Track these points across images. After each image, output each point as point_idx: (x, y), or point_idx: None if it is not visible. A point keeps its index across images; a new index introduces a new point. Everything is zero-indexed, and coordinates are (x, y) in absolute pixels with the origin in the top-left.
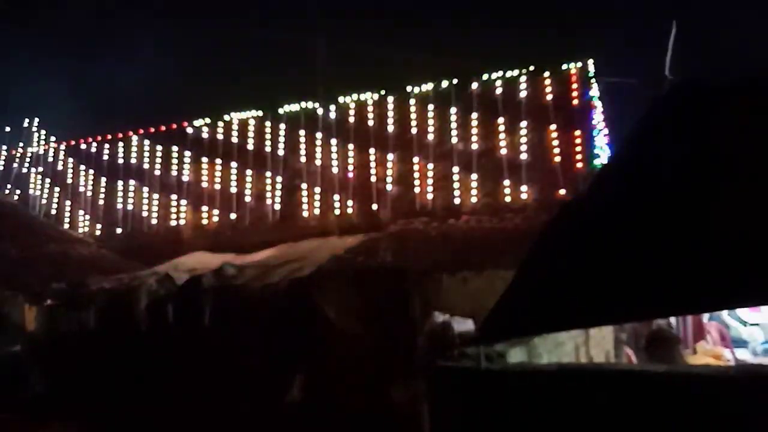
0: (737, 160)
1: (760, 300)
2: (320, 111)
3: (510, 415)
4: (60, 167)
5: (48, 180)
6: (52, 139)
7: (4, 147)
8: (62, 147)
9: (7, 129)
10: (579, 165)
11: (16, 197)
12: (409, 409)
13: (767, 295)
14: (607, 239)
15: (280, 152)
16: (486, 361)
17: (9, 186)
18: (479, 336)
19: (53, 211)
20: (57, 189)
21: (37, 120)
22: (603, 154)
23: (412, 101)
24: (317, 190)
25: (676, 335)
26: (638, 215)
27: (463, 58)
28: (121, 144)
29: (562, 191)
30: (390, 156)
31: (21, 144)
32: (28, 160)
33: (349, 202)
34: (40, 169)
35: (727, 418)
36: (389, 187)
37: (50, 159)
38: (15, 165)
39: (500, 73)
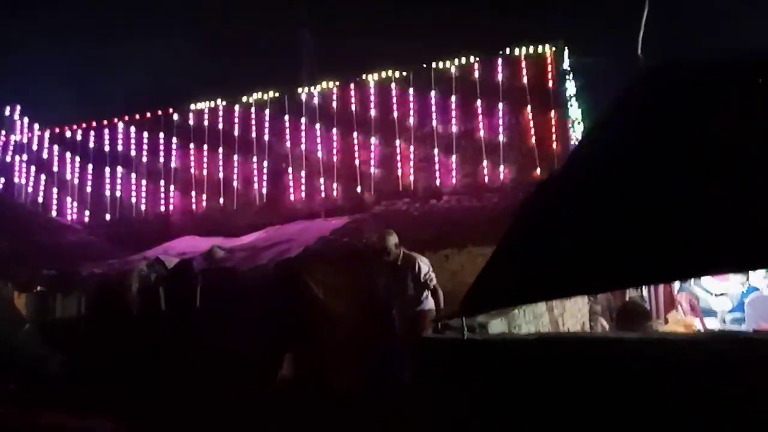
0: (705, 136)
1: (723, 268)
2: (304, 96)
3: (492, 382)
4: (45, 155)
5: (33, 168)
6: (36, 126)
7: None
8: (47, 134)
9: None
10: (554, 146)
11: (0, 186)
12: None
13: (732, 264)
14: (579, 215)
15: (266, 137)
16: (468, 332)
17: None
18: (462, 308)
19: (40, 199)
20: (43, 177)
21: (19, 108)
22: (577, 135)
23: (393, 85)
24: (303, 173)
25: (645, 309)
26: (609, 191)
27: (441, 41)
28: (107, 131)
29: (538, 171)
30: (373, 139)
31: (3, 132)
32: (11, 148)
33: (334, 185)
34: (25, 156)
35: (697, 381)
36: (372, 169)
37: (35, 147)
38: None
39: (477, 57)
